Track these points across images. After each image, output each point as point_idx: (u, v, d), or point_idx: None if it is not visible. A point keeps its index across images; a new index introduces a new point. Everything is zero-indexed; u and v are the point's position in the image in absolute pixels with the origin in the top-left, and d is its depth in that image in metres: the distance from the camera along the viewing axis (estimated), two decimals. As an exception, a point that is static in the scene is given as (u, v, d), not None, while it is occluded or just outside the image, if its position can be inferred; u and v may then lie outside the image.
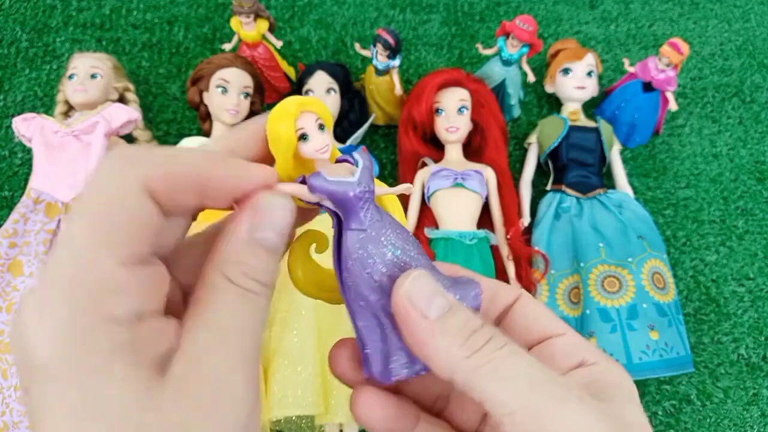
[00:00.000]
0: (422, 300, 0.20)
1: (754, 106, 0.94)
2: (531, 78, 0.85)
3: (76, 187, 0.72)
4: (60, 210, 0.72)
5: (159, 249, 0.20)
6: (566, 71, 0.84)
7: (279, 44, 0.85)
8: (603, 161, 0.82)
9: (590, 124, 0.83)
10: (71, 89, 0.76)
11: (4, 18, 0.94)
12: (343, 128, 0.82)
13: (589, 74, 0.84)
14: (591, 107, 0.89)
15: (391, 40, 0.77)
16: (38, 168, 0.73)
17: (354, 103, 0.83)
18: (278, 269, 0.21)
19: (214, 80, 0.76)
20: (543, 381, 0.19)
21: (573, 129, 0.82)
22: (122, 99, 0.81)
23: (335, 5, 0.99)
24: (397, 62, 0.80)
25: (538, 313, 0.24)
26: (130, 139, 0.80)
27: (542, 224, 0.78)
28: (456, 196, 0.75)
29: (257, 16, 0.80)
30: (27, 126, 0.73)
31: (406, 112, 0.80)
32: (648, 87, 0.85)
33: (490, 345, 0.20)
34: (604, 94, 0.92)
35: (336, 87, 0.80)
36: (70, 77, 0.76)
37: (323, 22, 0.98)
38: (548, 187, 0.83)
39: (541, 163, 0.84)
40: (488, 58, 0.88)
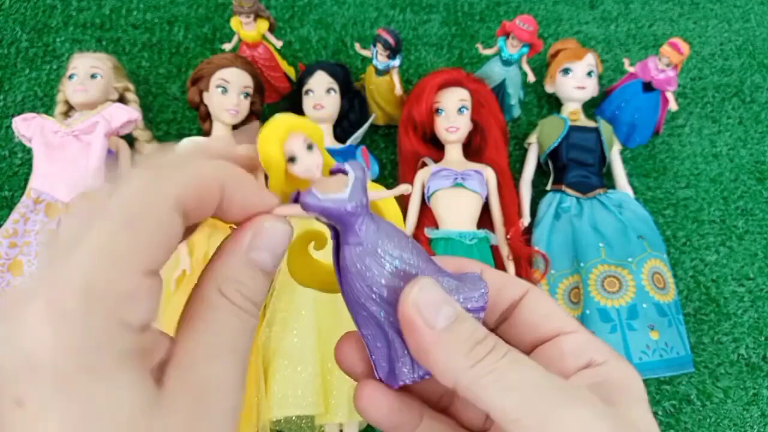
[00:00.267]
0: (430, 310, 0.20)
1: (754, 106, 0.94)
2: (531, 78, 0.85)
3: (76, 187, 0.72)
4: (60, 210, 0.72)
5: None
6: (566, 71, 0.84)
7: (279, 44, 0.85)
8: (603, 161, 0.82)
9: (590, 124, 0.83)
10: (71, 89, 0.76)
11: (4, 18, 0.94)
12: (343, 128, 0.82)
13: (589, 74, 0.84)
14: (591, 107, 0.89)
15: (391, 40, 0.77)
16: (38, 168, 0.73)
17: (354, 103, 0.83)
18: (268, 288, 0.21)
19: (214, 80, 0.76)
20: (546, 388, 0.19)
21: (573, 129, 0.82)
22: (122, 99, 0.81)
23: (335, 5, 0.99)
24: (397, 62, 0.80)
25: (547, 309, 0.24)
26: (130, 139, 0.80)
27: (542, 224, 0.78)
28: (456, 196, 0.75)
29: (257, 16, 0.80)
30: (27, 126, 0.73)
31: (406, 112, 0.80)
32: (648, 87, 0.85)
33: (493, 355, 0.20)
34: (604, 94, 0.92)
35: (336, 87, 0.79)
36: (70, 77, 0.76)
37: (323, 22, 0.98)
38: (548, 187, 0.83)
39: (541, 163, 0.84)
40: (488, 58, 0.88)
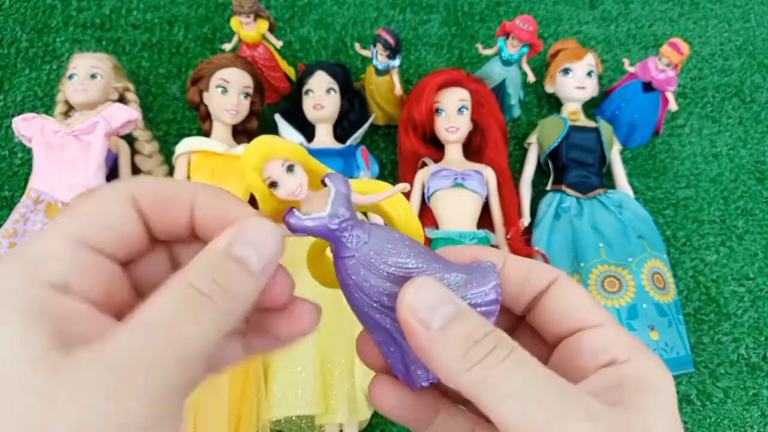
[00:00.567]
0: (425, 310, 0.20)
1: (754, 106, 0.94)
2: (531, 78, 0.85)
3: (76, 187, 0.72)
4: (60, 210, 0.72)
5: (140, 276, 0.21)
6: (566, 71, 0.84)
7: (279, 44, 0.85)
8: (603, 161, 0.82)
9: (590, 124, 0.83)
10: (71, 89, 0.76)
11: (4, 18, 0.94)
12: (343, 128, 0.82)
13: (589, 74, 0.84)
14: (591, 107, 0.89)
15: (391, 40, 0.77)
16: (38, 168, 0.73)
17: (354, 103, 0.83)
18: (253, 297, 0.19)
19: (214, 80, 0.76)
20: (548, 394, 0.18)
21: (573, 129, 0.82)
22: (122, 99, 0.81)
23: (335, 5, 0.99)
24: (397, 62, 0.80)
25: (575, 299, 0.23)
26: (130, 139, 0.80)
27: (542, 224, 0.77)
28: (456, 196, 0.75)
29: (257, 16, 0.80)
30: (27, 126, 0.73)
31: (406, 112, 0.80)
32: (648, 87, 0.85)
33: (491, 357, 0.19)
34: (604, 94, 0.92)
35: (336, 87, 0.79)
36: (70, 77, 0.76)
37: (323, 22, 0.98)
38: (548, 187, 0.83)
39: (541, 163, 0.84)
40: (488, 58, 0.88)
